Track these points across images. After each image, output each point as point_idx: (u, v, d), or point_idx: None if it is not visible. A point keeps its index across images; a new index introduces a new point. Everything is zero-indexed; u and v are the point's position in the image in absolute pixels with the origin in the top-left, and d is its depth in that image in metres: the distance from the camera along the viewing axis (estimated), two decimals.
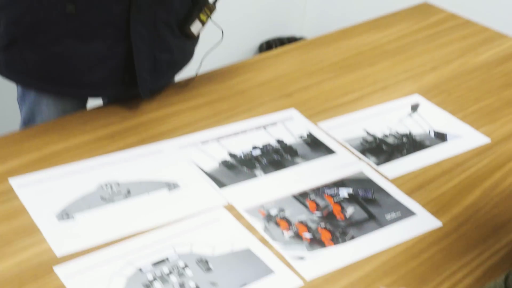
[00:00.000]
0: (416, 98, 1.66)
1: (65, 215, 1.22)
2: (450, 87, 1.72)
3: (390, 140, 1.50)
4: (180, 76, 1.66)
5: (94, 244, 1.16)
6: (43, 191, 1.27)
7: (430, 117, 1.59)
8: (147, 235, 1.19)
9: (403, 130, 1.54)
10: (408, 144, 1.49)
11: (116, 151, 1.39)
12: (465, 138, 1.53)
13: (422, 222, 1.27)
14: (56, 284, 1.09)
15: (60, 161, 1.35)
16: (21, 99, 1.60)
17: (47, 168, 1.33)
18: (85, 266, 1.12)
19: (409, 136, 1.53)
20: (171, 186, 1.31)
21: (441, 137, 1.53)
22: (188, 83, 1.62)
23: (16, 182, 1.28)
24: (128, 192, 1.28)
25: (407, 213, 1.29)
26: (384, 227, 1.25)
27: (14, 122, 1.68)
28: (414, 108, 1.62)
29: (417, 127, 1.56)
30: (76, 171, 1.33)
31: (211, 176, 1.34)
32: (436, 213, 1.30)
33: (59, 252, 1.14)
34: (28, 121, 1.60)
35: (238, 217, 1.25)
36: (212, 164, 1.38)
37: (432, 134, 1.54)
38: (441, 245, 1.22)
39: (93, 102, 1.61)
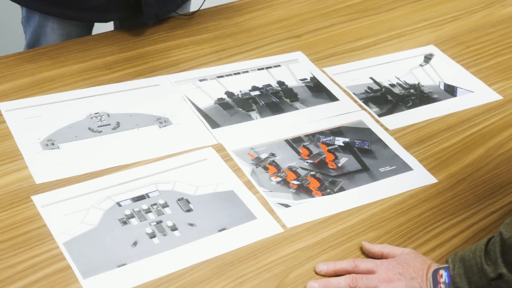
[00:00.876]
0: (430, 49, 1.60)
1: (50, 143, 1.20)
2: (468, 39, 1.65)
3: (397, 90, 1.46)
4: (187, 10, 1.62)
5: (75, 175, 1.15)
6: (30, 117, 1.25)
7: (442, 69, 1.53)
8: (131, 170, 1.17)
9: (411, 80, 1.49)
10: (415, 96, 1.45)
11: (111, 82, 1.36)
12: (476, 93, 1.47)
13: (416, 177, 1.23)
14: (31, 212, 1.08)
15: (52, 88, 1.33)
16: (26, 22, 1.58)
17: (38, 94, 1.31)
18: (63, 197, 1.11)
19: (417, 87, 1.48)
20: (162, 121, 1.29)
21: (450, 90, 1.48)
22: (193, 17, 1.58)
23: (5, 107, 1.27)
24: (117, 124, 1.27)
25: (402, 167, 1.26)
26: (377, 180, 1.22)
27: (19, 46, 1.66)
28: (427, 59, 1.56)
29: (427, 78, 1.51)
30: (66, 99, 1.30)
31: (204, 114, 1.32)
32: (432, 169, 1.26)
33: (38, 179, 1.12)
34: (33, 45, 1.58)
35: (226, 158, 1.22)
36: (208, 102, 1.35)
37: (442, 87, 1.49)
38: (433, 203, 1.19)
39: (100, 29, 1.57)
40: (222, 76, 1.42)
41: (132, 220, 1.07)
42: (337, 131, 1.31)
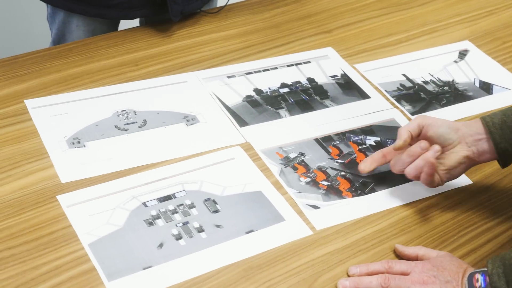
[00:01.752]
0: (465, 45, 1.56)
1: (76, 141, 1.19)
2: (504, 34, 1.61)
3: (430, 87, 1.43)
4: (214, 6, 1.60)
5: (101, 174, 1.14)
6: (57, 114, 1.25)
7: (477, 66, 1.50)
8: (157, 170, 1.16)
9: (445, 77, 1.46)
10: (449, 94, 1.41)
11: (138, 78, 1.35)
12: None
13: None
14: (57, 212, 1.07)
15: (79, 85, 1.32)
16: (51, 18, 1.58)
17: (64, 91, 1.30)
18: (89, 196, 1.10)
19: (451, 85, 1.44)
20: (189, 119, 1.27)
21: (486, 88, 1.44)
22: (220, 12, 1.56)
23: (31, 104, 1.26)
24: (144, 122, 1.25)
25: None
26: (409, 181, 1.19)
27: (45, 42, 1.66)
28: (462, 55, 1.53)
29: (462, 75, 1.47)
30: (93, 96, 1.30)
31: (232, 112, 1.30)
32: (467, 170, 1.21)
33: (64, 178, 1.11)
34: (59, 41, 1.58)
35: (254, 157, 1.21)
36: (236, 100, 1.33)
37: (477, 84, 1.45)
38: (467, 206, 1.16)
39: (126, 26, 1.56)
40: (250, 73, 1.40)
41: (158, 221, 1.06)
42: (368, 130, 1.29)
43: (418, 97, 1.40)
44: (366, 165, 1.14)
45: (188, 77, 1.37)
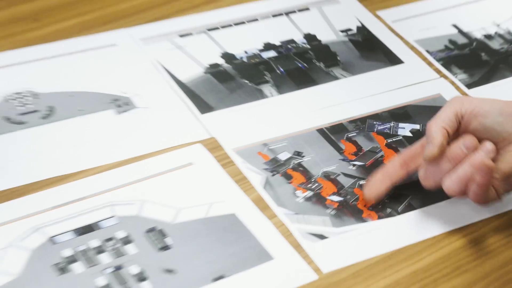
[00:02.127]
0: None
1: None
2: None
3: (496, 44, 1.43)
4: None
5: None
6: None
7: None
8: (72, 185, 1.15)
9: None
10: None
11: (40, 42, 1.36)
12: None
13: None
14: None
15: None
16: None
17: None
18: None
19: None
20: (121, 104, 1.27)
21: None
22: None
23: None
24: (50, 110, 1.25)
25: None
26: None
27: None
28: None
29: None
30: None
31: (189, 91, 1.30)
32: None
33: None
34: None
35: (224, 161, 1.20)
36: (193, 72, 1.33)
37: None
38: None
39: None
40: (215, 28, 1.41)
41: (74, 265, 1.06)
42: (402, 114, 1.29)
43: (477, 59, 1.40)
44: (371, 188, 1.14)
45: (118, 37, 1.38)
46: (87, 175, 1.16)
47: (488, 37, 1.44)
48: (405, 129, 1.28)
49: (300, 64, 1.35)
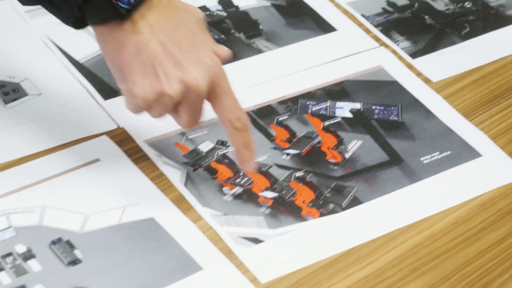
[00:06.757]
0: None
1: None
2: None
3: (440, 5, 1.46)
4: None
5: None
6: None
7: None
8: None
9: None
10: (474, 14, 1.45)
11: None
12: None
13: (490, 170, 1.24)
14: None
15: None
16: None
17: None
18: None
19: None
20: (8, 92, 1.27)
21: None
22: None
23: None
24: None
25: (462, 152, 1.26)
26: (418, 180, 1.21)
27: None
28: None
29: None
30: None
31: (88, 73, 1.30)
32: None
33: None
34: None
35: (136, 155, 1.21)
36: (92, 48, 1.33)
37: None
38: None
39: None
40: None
41: None
42: (338, 91, 1.30)
43: (421, 23, 1.43)
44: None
45: None
46: None
47: None
48: (343, 108, 1.29)
49: (217, 36, 1.36)
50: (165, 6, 1.06)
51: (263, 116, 1.26)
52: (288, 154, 1.22)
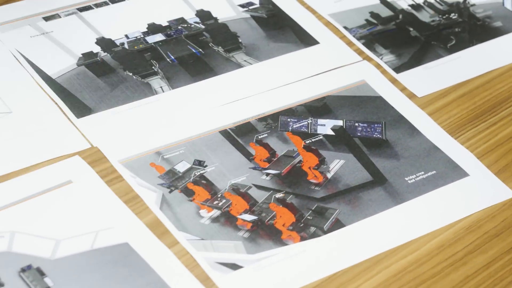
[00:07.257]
0: None
1: None
2: None
3: (425, 16, 1.46)
4: None
5: None
6: None
7: None
8: None
9: None
10: (461, 25, 1.45)
11: None
12: None
13: (477, 190, 1.24)
14: None
15: None
16: None
17: None
18: None
19: (463, 9, 1.47)
20: None
21: None
22: None
23: None
24: None
25: (449, 171, 1.25)
26: (403, 201, 1.21)
27: None
28: None
29: None
30: None
31: (60, 89, 1.28)
32: (505, 171, 1.26)
33: None
34: None
35: (110, 177, 1.19)
36: (64, 64, 1.32)
37: (510, 5, 1.49)
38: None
39: None
40: (88, 8, 1.40)
41: None
42: (320, 107, 1.30)
43: (405, 36, 1.43)
44: None
45: None
46: None
47: (416, 7, 1.47)
48: (325, 126, 1.29)
49: (194, 50, 1.36)
50: None
51: (242, 134, 1.25)
52: (268, 174, 1.22)
